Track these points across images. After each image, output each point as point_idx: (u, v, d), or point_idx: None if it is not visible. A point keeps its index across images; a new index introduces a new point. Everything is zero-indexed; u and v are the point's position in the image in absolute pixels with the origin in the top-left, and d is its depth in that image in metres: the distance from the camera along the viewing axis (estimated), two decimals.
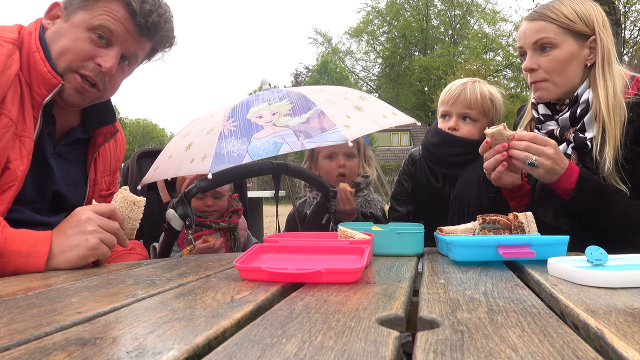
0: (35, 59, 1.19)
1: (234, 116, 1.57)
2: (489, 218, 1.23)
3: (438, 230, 1.31)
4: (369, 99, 1.76)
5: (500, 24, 32.43)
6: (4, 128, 1.11)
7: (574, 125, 1.50)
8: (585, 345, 0.47)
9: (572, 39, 1.47)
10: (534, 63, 1.49)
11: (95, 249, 1.06)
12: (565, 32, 1.46)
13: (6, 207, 1.13)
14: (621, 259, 0.91)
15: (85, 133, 1.38)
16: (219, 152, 1.43)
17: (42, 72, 1.18)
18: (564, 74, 1.48)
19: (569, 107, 1.51)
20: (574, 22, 1.46)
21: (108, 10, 1.23)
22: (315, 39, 36.94)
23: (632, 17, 14.18)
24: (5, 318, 0.59)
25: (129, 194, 1.22)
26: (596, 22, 1.46)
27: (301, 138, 1.45)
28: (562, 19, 1.46)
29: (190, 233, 1.46)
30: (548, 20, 1.47)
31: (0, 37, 1.16)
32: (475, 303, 0.67)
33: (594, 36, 1.46)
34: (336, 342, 0.48)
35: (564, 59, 1.46)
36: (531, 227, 1.21)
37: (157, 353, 0.45)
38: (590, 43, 1.47)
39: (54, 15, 1.27)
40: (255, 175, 1.70)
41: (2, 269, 1.00)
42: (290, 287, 0.80)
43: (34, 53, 1.19)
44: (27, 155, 1.17)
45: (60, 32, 1.24)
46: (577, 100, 1.49)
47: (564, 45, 1.46)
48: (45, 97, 1.19)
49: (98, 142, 1.41)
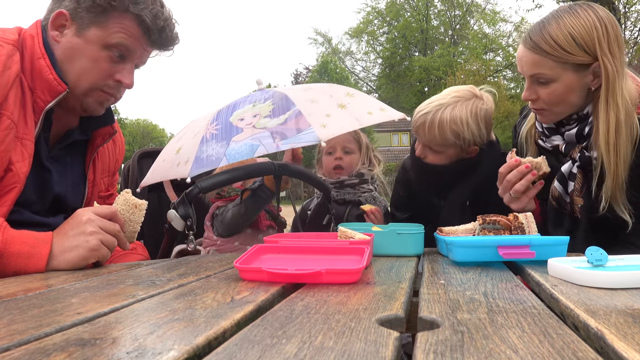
0: (40, 66, 1.19)
1: (218, 119, 1.58)
2: (489, 219, 1.22)
3: (438, 231, 1.31)
4: (356, 95, 1.72)
5: (500, 24, 32.44)
6: (6, 130, 1.11)
7: (580, 141, 1.44)
8: (585, 346, 0.47)
9: (571, 71, 1.35)
10: (532, 94, 1.43)
11: (96, 250, 1.06)
12: (563, 65, 1.34)
13: (8, 208, 1.14)
14: (621, 259, 0.91)
15: (84, 135, 1.39)
16: (199, 156, 1.44)
17: (47, 78, 1.19)
18: (564, 103, 1.41)
19: (577, 123, 1.45)
20: (572, 53, 1.32)
21: (123, 27, 1.24)
22: (315, 39, 36.94)
23: (632, 17, 14.18)
24: (5, 319, 0.59)
25: (130, 197, 1.22)
26: (598, 47, 1.31)
27: (277, 139, 1.45)
28: (557, 52, 1.33)
29: (191, 234, 1.46)
30: (542, 54, 1.35)
31: (0, 39, 1.16)
32: (475, 304, 0.67)
33: (596, 62, 1.33)
34: (336, 342, 0.48)
35: (563, 92, 1.38)
36: (531, 227, 1.20)
37: (157, 353, 0.45)
38: (594, 68, 1.34)
39: (60, 25, 1.25)
40: (256, 176, 1.70)
41: (3, 269, 1.00)
42: (290, 287, 0.80)
43: (39, 59, 1.19)
44: (28, 158, 1.17)
45: (76, 50, 1.23)
46: (587, 117, 1.42)
47: (562, 78, 1.36)
48: (49, 103, 1.20)
49: (96, 144, 1.42)
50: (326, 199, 1.85)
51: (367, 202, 2.04)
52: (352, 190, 2.06)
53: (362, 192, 2.06)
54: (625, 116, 1.32)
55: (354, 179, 2.07)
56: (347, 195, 2.05)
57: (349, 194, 2.05)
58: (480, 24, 33.44)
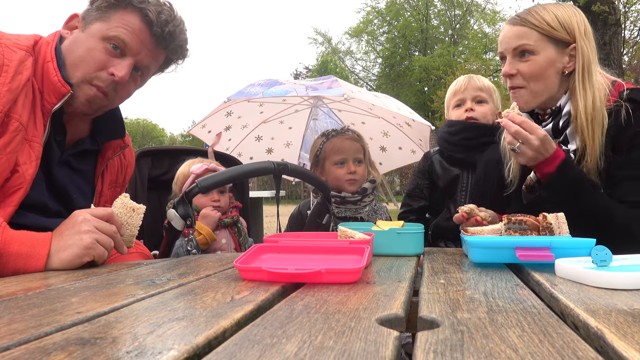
0: (48, 68, 1.22)
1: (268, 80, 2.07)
2: (514, 218, 1.16)
3: (463, 231, 1.27)
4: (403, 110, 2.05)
5: (500, 24, 32.36)
6: (14, 132, 1.13)
7: (556, 136, 1.51)
8: (585, 345, 0.47)
9: (552, 46, 1.46)
10: (512, 68, 1.50)
11: (90, 248, 1.06)
12: (546, 39, 1.46)
13: (13, 209, 1.15)
14: (624, 259, 0.91)
15: (95, 145, 1.41)
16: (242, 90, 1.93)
17: (52, 80, 1.21)
18: (541, 80, 1.47)
19: (552, 118, 1.51)
20: (555, 29, 1.45)
21: (124, 22, 1.26)
22: (315, 39, 36.89)
23: (632, 17, 14.17)
24: (5, 318, 0.59)
25: (128, 200, 1.22)
26: (577, 30, 1.46)
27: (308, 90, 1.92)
28: (543, 26, 1.45)
29: (191, 233, 1.46)
30: (529, 26, 1.47)
31: (14, 44, 1.19)
32: (475, 303, 0.67)
33: (574, 44, 1.45)
34: (336, 342, 0.48)
35: (542, 66, 1.46)
36: (562, 228, 1.12)
37: (157, 353, 0.45)
38: (570, 51, 1.46)
39: (72, 26, 1.30)
40: (255, 176, 1.70)
41: (2, 270, 1.01)
42: (290, 287, 0.80)
43: (48, 63, 1.22)
44: (35, 160, 1.19)
45: (77, 42, 1.27)
46: (560, 111, 1.49)
47: (543, 52, 1.46)
48: (55, 105, 1.22)
49: (107, 156, 1.44)
50: (326, 199, 1.85)
51: (369, 217, 2.03)
52: (354, 206, 2.04)
53: (363, 206, 2.04)
54: (600, 101, 1.41)
55: (357, 196, 2.03)
56: (347, 212, 2.03)
57: (349, 210, 2.03)
58: (480, 24, 33.42)
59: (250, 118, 3.19)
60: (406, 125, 3.10)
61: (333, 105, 3.18)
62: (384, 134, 3.18)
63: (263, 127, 3.37)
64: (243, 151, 3.41)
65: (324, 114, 3.38)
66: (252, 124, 3.28)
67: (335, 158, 2.04)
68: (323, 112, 3.34)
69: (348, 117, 3.26)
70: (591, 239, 1.00)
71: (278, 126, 3.39)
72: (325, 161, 2.08)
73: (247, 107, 3.06)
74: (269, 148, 3.51)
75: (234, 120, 3.16)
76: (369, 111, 2.99)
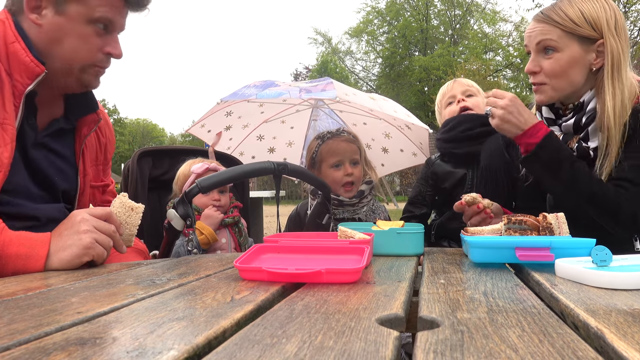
0: (15, 49, 1.19)
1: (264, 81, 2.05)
2: (514, 218, 1.17)
3: (463, 231, 1.27)
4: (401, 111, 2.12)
5: (500, 24, 32.39)
6: None
7: (577, 132, 1.48)
8: (585, 345, 0.47)
9: (576, 43, 1.42)
10: (535, 65, 1.48)
11: (89, 248, 1.06)
12: (569, 36, 1.42)
13: None
14: (624, 259, 0.91)
15: (69, 123, 1.38)
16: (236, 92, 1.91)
17: (24, 61, 1.18)
18: (564, 78, 1.45)
19: (573, 113, 1.48)
20: (580, 25, 1.41)
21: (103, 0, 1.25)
22: (315, 39, 36.91)
23: (632, 17, 14.18)
24: (5, 318, 0.59)
25: (127, 200, 1.22)
26: (605, 26, 1.40)
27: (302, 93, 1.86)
28: (566, 23, 1.41)
29: (192, 233, 1.46)
30: (552, 23, 1.44)
31: None
32: (475, 303, 0.67)
33: (601, 40, 1.41)
34: (336, 342, 0.48)
35: (565, 63, 1.43)
36: (562, 228, 1.13)
37: (157, 353, 0.45)
38: (598, 47, 1.41)
39: (35, 6, 1.23)
40: (255, 176, 1.70)
41: (1, 271, 1.01)
42: (290, 287, 0.80)
43: (13, 43, 1.19)
44: (10, 143, 1.16)
45: (62, 29, 1.23)
46: (583, 107, 1.46)
47: (566, 49, 1.43)
48: (29, 86, 1.20)
49: (83, 133, 1.41)
50: (326, 198, 1.85)
51: (367, 217, 2.03)
52: (352, 208, 2.03)
53: (361, 207, 2.04)
54: (628, 99, 1.38)
55: (354, 200, 2.03)
56: (345, 213, 2.03)
57: (347, 212, 2.03)
58: (480, 24, 33.42)
59: (251, 118, 3.18)
60: (406, 128, 3.09)
61: (334, 105, 3.17)
62: (385, 135, 3.17)
63: (264, 127, 3.36)
64: (245, 150, 3.40)
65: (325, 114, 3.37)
66: (253, 124, 3.27)
67: (331, 160, 2.03)
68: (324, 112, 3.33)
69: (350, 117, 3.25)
70: (591, 239, 1.01)
71: (280, 126, 3.38)
72: (322, 164, 2.07)
73: (247, 107, 3.05)
74: (271, 147, 3.50)
75: (234, 120, 3.15)
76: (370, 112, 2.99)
